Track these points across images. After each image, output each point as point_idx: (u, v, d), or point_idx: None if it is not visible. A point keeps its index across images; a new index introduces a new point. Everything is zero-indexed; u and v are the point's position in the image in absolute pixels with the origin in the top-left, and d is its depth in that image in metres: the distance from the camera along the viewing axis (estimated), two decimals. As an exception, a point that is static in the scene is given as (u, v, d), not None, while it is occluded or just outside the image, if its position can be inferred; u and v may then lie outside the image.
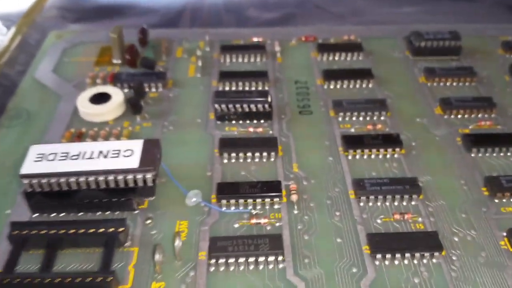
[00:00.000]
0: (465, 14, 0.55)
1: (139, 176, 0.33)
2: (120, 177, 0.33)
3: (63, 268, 0.30)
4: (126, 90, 0.44)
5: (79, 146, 0.34)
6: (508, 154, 0.38)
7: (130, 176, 0.33)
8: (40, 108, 0.43)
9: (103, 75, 0.46)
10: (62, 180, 0.33)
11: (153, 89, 0.45)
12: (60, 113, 0.43)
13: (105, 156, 0.33)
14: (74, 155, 0.33)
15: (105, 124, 0.41)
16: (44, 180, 0.32)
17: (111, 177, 0.33)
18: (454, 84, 0.46)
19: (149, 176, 0.33)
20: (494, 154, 0.38)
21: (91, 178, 0.33)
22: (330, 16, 0.56)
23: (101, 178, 0.33)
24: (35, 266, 0.30)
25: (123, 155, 0.33)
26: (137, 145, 0.34)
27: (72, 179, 0.33)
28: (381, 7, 0.57)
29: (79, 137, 0.40)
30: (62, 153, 0.34)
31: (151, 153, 0.34)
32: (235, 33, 0.53)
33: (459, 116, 0.42)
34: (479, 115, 0.42)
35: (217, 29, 0.54)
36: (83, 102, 0.42)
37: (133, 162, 0.33)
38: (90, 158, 0.33)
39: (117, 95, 0.42)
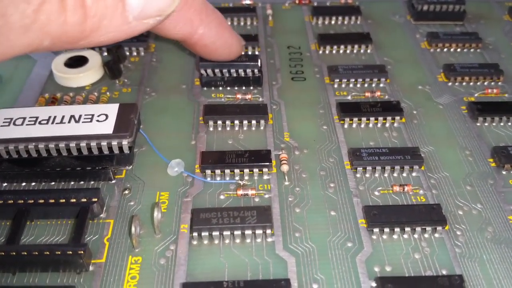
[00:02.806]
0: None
1: (114, 142, 0.30)
2: (93, 143, 0.30)
3: (31, 240, 0.28)
4: (105, 54, 0.41)
5: (49, 110, 0.32)
6: (517, 123, 0.36)
7: (104, 143, 0.30)
8: (13, 72, 0.41)
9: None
10: (31, 146, 0.30)
11: (134, 53, 0.42)
12: (34, 78, 0.40)
13: (77, 121, 0.30)
14: (43, 120, 0.31)
15: (81, 89, 0.38)
16: (11, 146, 0.30)
17: (83, 144, 0.30)
18: (458, 50, 0.43)
19: (125, 142, 0.30)
20: (502, 124, 0.36)
21: (62, 145, 0.30)
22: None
23: (72, 144, 0.30)
24: (1, 238, 0.28)
25: (96, 120, 0.31)
26: (112, 110, 0.31)
27: (41, 145, 0.30)
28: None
29: (54, 102, 0.37)
30: (31, 117, 0.31)
31: (127, 118, 0.31)
32: (223, -5, 0.50)
33: (464, 83, 0.39)
34: (485, 83, 0.39)
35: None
36: (58, 66, 0.38)
37: (107, 127, 0.30)
38: (61, 123, 0.31)
39: (95, 58, 0.39)
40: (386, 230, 0.28)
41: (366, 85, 0.39)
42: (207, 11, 0.32)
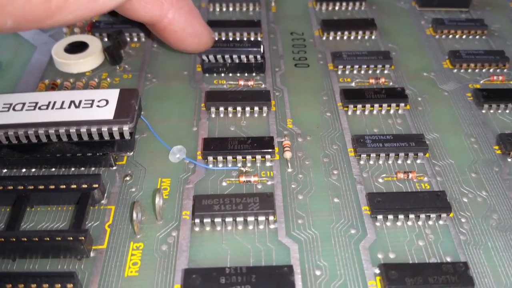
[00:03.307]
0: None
1: (115, 128, 0.29)
2: (93, 129, 0.29)
3: (32, 227, 0.28)
4: (105, 39, 0.40)
5: (49, 95, 0.31)
6: (522, 110, 0.35)
7: (104, 128, 0.29)
8: (13, 58, 0.40)
9: (82, 24, 0.42)
10: (30, 132, 0.29)
11: (135, 39, 0.41)
12: (34, 64, 0.39)
13: (77, 106, 0.30)
14: (43, 105, 0.30)
15: (82, 75, 0.37)
16: (11, 132, 0.29)
17: (83, 129, 0.29)
18: (464, 36, 0.42)
19: (125, 128, 0.30)
20: (507, 111, 0.35)
21: (62, 130, 0.29)
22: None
23: (72, 130, 0.29)
24: (1, 224, 0.28)
25: (97, 106, 0.30)
26: (113, 95, 0.31)
27: (41, 131, 0.29)
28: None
29: (54, 88, 0.36)
30: (31, 102, 0.31)
31: (128, 104, 0.30)
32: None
33: (470, 70, 0.39)
34: (491, 70, 0.39)
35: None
36: (58, 52, 0.38)
37: (108, 113, 0.30)
38: (61, 108, 0.30)
39: (95, 44, 0.38)
40: (390, 217, 0.28)
41: (370, 71, 0.38)
42: None
